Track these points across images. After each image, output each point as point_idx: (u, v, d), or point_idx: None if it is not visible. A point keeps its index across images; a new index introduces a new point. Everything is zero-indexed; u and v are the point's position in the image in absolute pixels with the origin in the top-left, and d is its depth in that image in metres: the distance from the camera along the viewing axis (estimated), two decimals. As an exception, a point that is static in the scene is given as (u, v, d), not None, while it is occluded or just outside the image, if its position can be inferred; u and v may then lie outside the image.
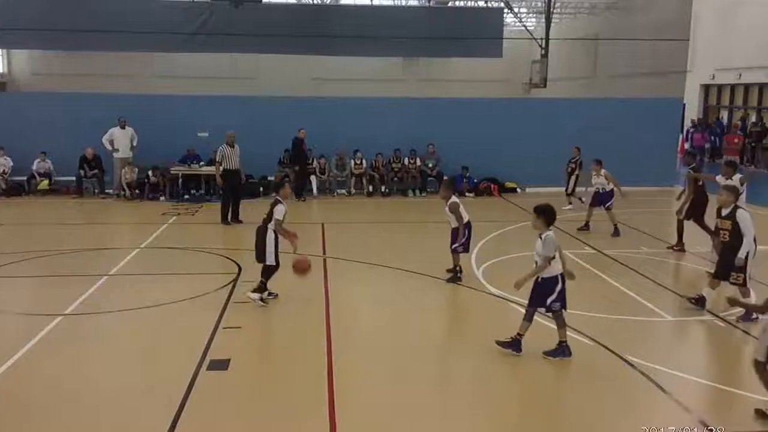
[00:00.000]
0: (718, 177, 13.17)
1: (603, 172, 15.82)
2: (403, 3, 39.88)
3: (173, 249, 14.33)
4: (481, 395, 7.77)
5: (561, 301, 8.41)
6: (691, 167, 14.79)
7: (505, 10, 36.97)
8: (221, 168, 16.67)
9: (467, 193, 21.08)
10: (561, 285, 8.39)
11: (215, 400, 7.47)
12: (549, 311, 8.56)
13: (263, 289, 10.53)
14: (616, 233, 15.59)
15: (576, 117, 22.11)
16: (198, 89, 29.05)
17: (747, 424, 7.15)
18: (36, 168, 20.77)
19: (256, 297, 10.48)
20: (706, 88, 34.86)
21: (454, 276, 11.87)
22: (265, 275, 10.53)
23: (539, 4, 40.65)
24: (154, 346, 9.15)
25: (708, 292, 10.47)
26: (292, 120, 21.02)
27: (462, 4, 42.00)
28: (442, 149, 21.73)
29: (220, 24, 30.75)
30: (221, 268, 12.77)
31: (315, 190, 21.29)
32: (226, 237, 15.89)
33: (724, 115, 33.27)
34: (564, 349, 8.55)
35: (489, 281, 11.84)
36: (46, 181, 20.79)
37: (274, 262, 10.45)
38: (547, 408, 7.60)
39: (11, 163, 20.66)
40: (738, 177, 12.83)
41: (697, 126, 32.34)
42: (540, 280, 8.45)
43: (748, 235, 9.91)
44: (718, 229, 10.37)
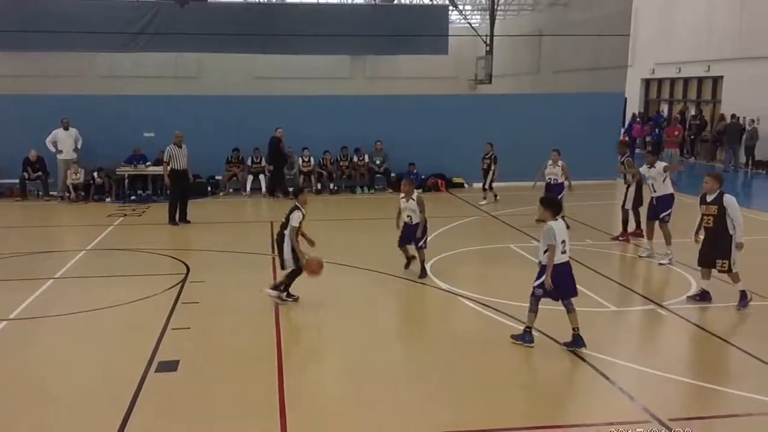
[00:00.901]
0: (642, 168, 13.57)
1: (560, 162, 16.08)
2: (349, 1, 39.90)
3: (120, 251, 14.17)
4: (433, 388, 7.85)
5: (544, 289, 8.61)
6: (626, 156, 15.08)
7: (450, 8, 37.33)
8: (169, 168, 16.55)
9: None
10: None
11: (164, 401, 7.46)
12: (532, 294, 8.80)
13: (284, 289, 10.58)
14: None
15: (521, 112, 22.49)
16: (142, 89, 28.73)
17: (690, 410, 7.44)
18: (-23, 171, 20.29)
19: (274, 294, 10.57)
20: (647, 82, 35.68)
21: (424, 271, 12.00)
22: (289, 279, 10.59)
23: (483, 2, 41.17)
24: (101, 348, 9.04)
25: (706, 284, 10.57)
26: (238, 119, 21.01)
27: (407, 1, 42.27)
28: (389, 146, 21.83)
29: (164, 24, 30.53)
30: (169, 269, 12.67)
31: (263, 188, 21.18)
32: (174, 237, 15.76)
33: (665, 108, 34.05)
34: (525, 335, 8.87)
35: (437, 276, 11.98)
36: (-13, 185, 20.32)
37: (295, 266, 10.49)
38: (493, 398, 7.63)
39: (-48, 167, 20.15)
40: (662, 165, 13.25)
41: (638, 118, 32.96)
42: (539, 265, 8.74)
43: (739, 216, 10.10)
44: (702, 217, 10.34)
